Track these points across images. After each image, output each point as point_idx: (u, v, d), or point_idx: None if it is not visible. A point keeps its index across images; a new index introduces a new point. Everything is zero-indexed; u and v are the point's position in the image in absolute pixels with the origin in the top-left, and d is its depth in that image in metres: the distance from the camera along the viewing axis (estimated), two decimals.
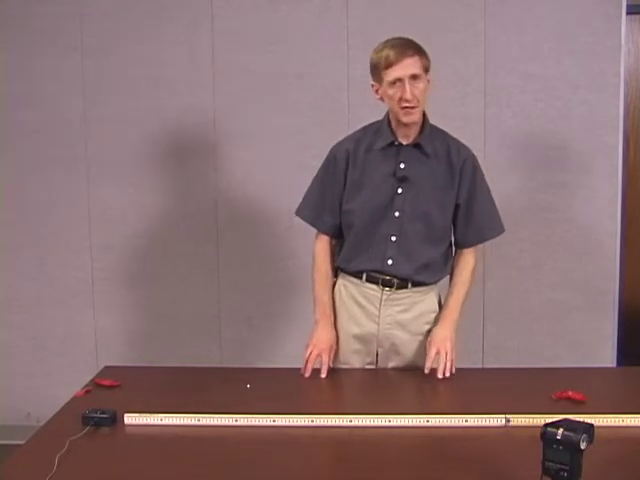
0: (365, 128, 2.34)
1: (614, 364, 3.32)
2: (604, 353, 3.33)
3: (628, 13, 3.24)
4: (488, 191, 2.34)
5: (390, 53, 2.13)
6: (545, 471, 1.40)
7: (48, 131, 3.47)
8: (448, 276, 2.40)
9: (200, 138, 3.41)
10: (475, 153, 3.30)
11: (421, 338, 2.34)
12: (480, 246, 2.41)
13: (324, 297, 2.35)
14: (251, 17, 3.33)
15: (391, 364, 2.36)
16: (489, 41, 3.24)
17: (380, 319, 2.32)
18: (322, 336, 2.30)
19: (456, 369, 2.26)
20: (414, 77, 2.13)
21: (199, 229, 3.46)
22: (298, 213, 2.41)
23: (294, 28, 3.31)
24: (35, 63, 3.43)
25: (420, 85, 2.15)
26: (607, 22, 3.18)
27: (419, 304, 2.33)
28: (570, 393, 1.98)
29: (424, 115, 2.28)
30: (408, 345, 2.34)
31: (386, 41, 2.19)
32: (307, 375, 2.23)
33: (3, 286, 3.58)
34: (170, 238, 3.47)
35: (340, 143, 2.34)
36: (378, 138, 2.27)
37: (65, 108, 3.45)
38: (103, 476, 1.65)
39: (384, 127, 2.27)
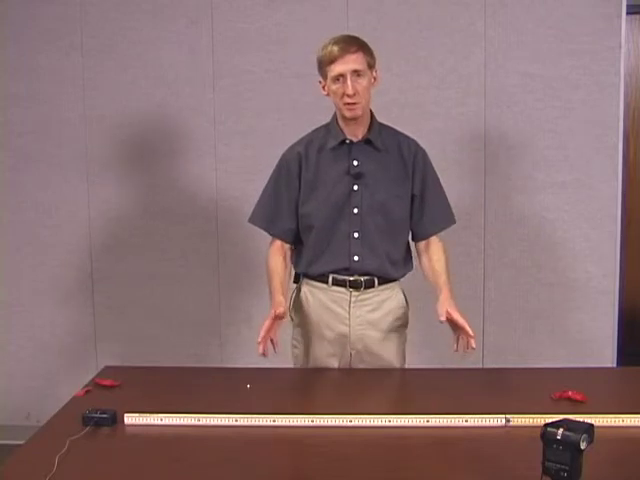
0: (315, 130, 2.36)
1: (614, 364, 3.32)
2: (604, 353, 3.33)
3: (628, 13, 3.25)
4: (439, 183, 2.38)
5: (333, 49, 2.16)
6: (545, 471, 1.40)
7: (48, 131, 3.47)
8: (410, 274, 2.40)
9: (200, 138, 3.41)
10: (475, 153, 3.34)
11: (392, 335, 2.37)
12: (442, 234, 2.40)
13: (278, 294, 2.24)
14: (251, 17, 3.33)
15: (363, 365, 2.36)
16: (489, 41, 3.24)
17: (351, 321, 2.32)
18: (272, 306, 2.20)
19: (456, 369, 2.26)
20: (356, 73, 2.16)
21: (199, 229, 3.46)
22: (251, 220, 2.40)
23: (294, 28, 3.31)
24: (35, 62, 3.44)
25: (363, 81, 2.17)
26: (607, 22, 3.18)
27: (387, 302, 2.35)
28: (570, 393, 1.98)
29: (371, 112, 2.31)
30: (381, 344, 2.35)
31: (332, 38, 2.21)
32: (260, 343, 2.12)
33: (3, 286, 3.58)
34: (170, 238, 3.47)
35: (291, 147, 2.35)
36: (329, 138, 2.29)
37: (65, 108, 3.45)
38: (103, 476, 1.65)
39: (333, 126, 2.30)
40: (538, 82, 3.24)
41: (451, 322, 2.20)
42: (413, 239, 2.40)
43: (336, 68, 2.15)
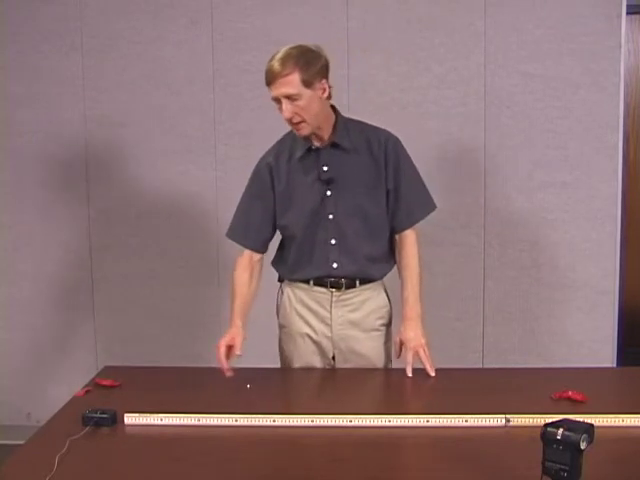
0: (283, 138, 2.32)
1: (614, 364, 3.32)
2: (604, 353, 3.33)
3: (628, 13, 3.25)
4: (414, 170, 2.31)
5: (269, 70, 2.10)
6: (545, 471, 1.40)
7: (48, 131, 3.47)
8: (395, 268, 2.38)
9: (200, 138, 3.41)
10: (475, 153, 3.34)
11: (375, 334, 2.35)
12: (418, 228, 2.34)
13: (238, 322, 2.28)
14: (251, 17, 3.33)
15: (349, 365, 2.34)
16: (489, 41, 3.24)
17: (332, 321, 2.31)
18: (227, 333, 2.25)
19: (456, 369, 2.26)
20: (290, 97, 2.09)
21: (199, 229, 3.46)
22: (228, 235, 2.38)
23: (294, 28, 3.31)
24: (35, 62, 3.44)
25: (300, 103, 2.10)
26: (607, 22, 3.18)
27: (369, 301, 2.33)
28: (570, 393, 1.98)
29: (335, 111, 2.25)
30: (364, 343, 2.33)
31: (276, 52, 2.13)
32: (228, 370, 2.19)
33: (3, 286, 3.58)
34: (170, 238, 3.47)
35: (262, 158, 2.32)
36: (296, 147, 2.26)
37: (65, 108, 3.45)
38: (103, 476, 1.65)
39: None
40: (538, 82, 3.24)
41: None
42: (391, 231, 2.34)
43: (271, 92, 2.11)
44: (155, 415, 1.91)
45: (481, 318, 3.39)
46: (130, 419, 1.91)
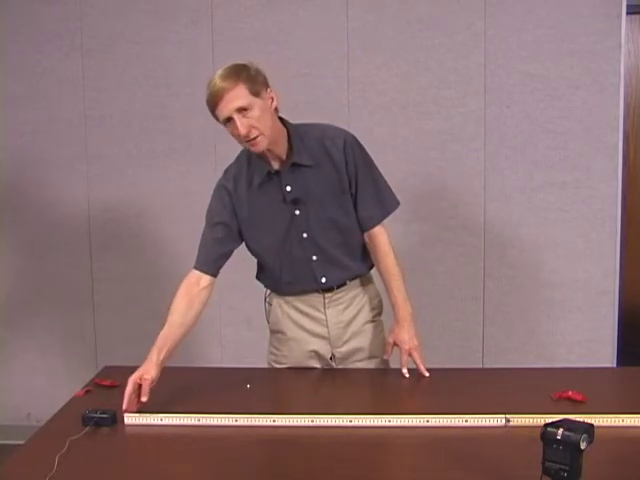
0: (238, 159, 2.25)
1: (614, 364, 3.32)
2: (604, 353, 3.33)
3: (628, 13, 3.25)
4: (374, 169, 2.25)
5: (212, 92, 1.99)
6: (545, 471, 1.40)
7: (48, 131, 3.47)
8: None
9: (200, 138, 3.41)
10: (475, 153, 3.34)
11: (370, 326, 2.34)
12: (386, 223, 2.28)
13: (154, 357, 2.07)
14: (251, 17, 3.33)
15: (349, 361, 2.32)
16: (489, 41, 3.25)
17: (328, 322, 2.29)
18: (140, 368, 2.04)
19: (456, 369, 2.26)
20: (242, 110, 1.99)
21: (199, 229, 3.45)
22: (195, 267, 2.31)
23: (294, 28, 3.31)
24: (35, 62, 3.44)
25: (254, 114, 2.00)
26: (607, 22, 3.18)
27: (359, 296, 2.32)
28: (570, 393, 1.98)
29: (285, 124, 2.16)
30: (361, 336, 2.32)
31: (213, 77, 2.02)
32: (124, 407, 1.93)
33: (3, 286, 3.58)
34: (170, 238, 3.47)
35: (220, 181, 2.26)
36: (254, 172, 2.17)
37: (65, 108, 3.45)
38: (103, 476, 1.65)
39: (254, 158, 2.17)
40: (538, 82, 3.24)
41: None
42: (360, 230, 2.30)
43: (221, 112, 2.00)
44: (155, 415, 1.91)
45: (481, 318, 3.39)
46: (130, 419, 1.91)
